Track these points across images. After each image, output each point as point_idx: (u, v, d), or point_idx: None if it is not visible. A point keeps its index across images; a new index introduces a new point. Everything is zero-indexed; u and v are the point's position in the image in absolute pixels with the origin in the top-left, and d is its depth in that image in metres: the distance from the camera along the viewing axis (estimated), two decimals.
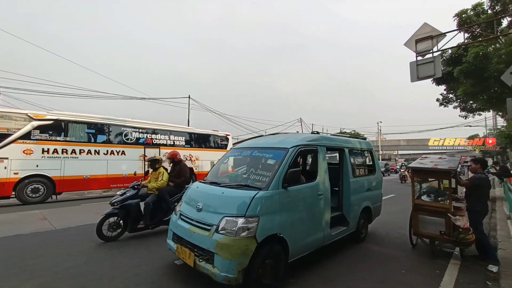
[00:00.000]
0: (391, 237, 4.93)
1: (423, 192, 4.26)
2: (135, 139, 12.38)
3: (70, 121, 10.50)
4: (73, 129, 10.58)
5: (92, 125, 11.14)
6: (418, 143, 57.54)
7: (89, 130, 11.00)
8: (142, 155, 12.46)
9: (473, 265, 3.60)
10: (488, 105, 12.85)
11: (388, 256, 3.93)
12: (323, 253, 3.96)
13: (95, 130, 11.19)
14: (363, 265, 3.56)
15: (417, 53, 7.71)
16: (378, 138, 49.11)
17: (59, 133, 10.17)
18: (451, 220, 3.61)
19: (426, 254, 3.94)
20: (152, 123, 13.41)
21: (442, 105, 15.29)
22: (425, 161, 4.30)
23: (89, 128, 11.03)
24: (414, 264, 3.64)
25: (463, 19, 10.74)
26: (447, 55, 11.53)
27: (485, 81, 10.13)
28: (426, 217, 3.93)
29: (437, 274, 3.28)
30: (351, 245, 4.39)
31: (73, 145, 10.40)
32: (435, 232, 3.81)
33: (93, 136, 11.09)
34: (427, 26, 7.71)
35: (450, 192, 3.87)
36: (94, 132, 11.13)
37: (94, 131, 11.13)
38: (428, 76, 7.74)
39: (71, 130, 10.51)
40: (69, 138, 10.37)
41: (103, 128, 11.47)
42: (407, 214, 4.29)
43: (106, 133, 11.52)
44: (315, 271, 3.33)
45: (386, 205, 8.56)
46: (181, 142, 14.21)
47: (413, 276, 3.23)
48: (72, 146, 10.37)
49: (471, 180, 3.93)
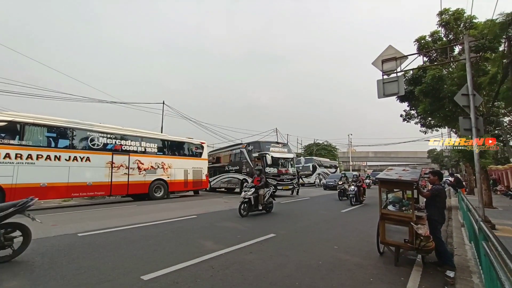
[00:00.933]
0: (360, 245, 5.10)
1: (389, 202, 4.50)
2: (102, 145, 11.64)
3: (28, 123, 9.60)
4: (31, 132, 9.68)
5: (53, 129, 10.28)
6: (385, 155, 61.48)
7: (49, 133, 10.14)
8: (110, 162, 11.71)
9: (433, 271, 3.84)
10: (444, 122, 14.19)
11: (357, 264, 4.04)
12: (298, 265, 3.98)
13: (57, 134, 10.35)
14: (333, 274, 3.62)
15: (383, 72, 8.33)
16: (349, 150, 51.49)
17: (13, 136, 9.24)
18: (414, 229, 3.85)
19: (391, 262, 4.12)
20: (122, 128, 12.75)
21: (405, 120, 16.56)
22: (390, 173, 4.56)
23: (50, 131, 10.16)
24: (381, 272, 3.78)
25: (422, 44, 11.88)
26: (409, 76, 12.61)
27: (440, 100, 11.20)
28: (391, 226, 4.14)
29: (402, 281, 3.44)
30: (323, 255, 4.46)
31: (29, 149, 9.48)
32: (400, 240, 4.02)
33: (54, 140, 10.24)
34: (391, 48, 8.40)
35: (412, 202, 4.13)
36: (55, 136, 10.28)
37: (55, 135, 10.29)
38: (393, 94, 8.37)
39: (28, 133, 9.60)
40: (25, 142, 9.45)
41: (66, 132, 10.65)
42: (374, 223, 4.49)
43: (69, 138, 10.70)
44: (286, 281, 3.32)
45: (355, 215, 8.93)
46: (153, 149, 13.63)
47: (380, 285, 3.34)
48: (28, 151, 9.46)
49: (431, 191, 4.25)
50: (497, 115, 15.80)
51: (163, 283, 3.23)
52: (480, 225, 3.04)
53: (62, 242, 5.11)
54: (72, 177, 10.43)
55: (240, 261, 4.09)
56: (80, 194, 10.88)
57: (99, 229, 6.20)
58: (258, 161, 15.37)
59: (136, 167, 12.64)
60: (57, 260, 4.09)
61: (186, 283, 3.25)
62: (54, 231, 5.98)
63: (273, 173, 14.97)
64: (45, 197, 10.08)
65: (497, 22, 7.96)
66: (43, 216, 8.31)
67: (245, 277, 3.46)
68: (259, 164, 14.91)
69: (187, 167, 15.10)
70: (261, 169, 9.36)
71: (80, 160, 10.76)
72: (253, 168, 15.03)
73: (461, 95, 6.82)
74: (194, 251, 4.48)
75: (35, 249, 4.63)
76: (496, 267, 2.01)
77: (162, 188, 13.73)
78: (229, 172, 18.20)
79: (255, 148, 16.10)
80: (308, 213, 9.27)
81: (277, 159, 15.47)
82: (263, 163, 14.86)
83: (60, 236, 5.61)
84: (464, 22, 11.14)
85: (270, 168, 14.89)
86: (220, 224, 7.06)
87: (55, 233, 5.79)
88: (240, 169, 17.04)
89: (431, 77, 10.83)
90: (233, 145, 20.13)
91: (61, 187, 10.18)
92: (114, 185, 11.73)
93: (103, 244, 4.97)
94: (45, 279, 3.34)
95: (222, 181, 18.78)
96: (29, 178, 9.38)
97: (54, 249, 4.65)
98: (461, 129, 6.84)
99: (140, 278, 3.35)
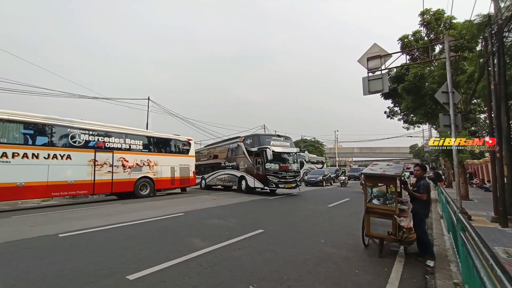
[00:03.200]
0: (346, 239, 5.24)
1: (374, 196, 4.63)
2: (84, 142, 11.20)
3: (1, 120, 9.06)
4: (5, 128, 9.16)
5: (31, 125, 9.76)
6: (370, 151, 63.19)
7: (26, 130, 9.63)
8: (92, 159, 11.31)
9: (415, 261, 4.00)
10: (425, 118, 14.77)
11: (343, 257, 4.15)
12: (286, 260, 4.03)
13: (34, 130, 9.84)
14: (320, 267, 3.70)
15: (368, 69, 8.51)
16: (335, 146, 52.51)
17: None
18: (397, 221, 3.99)
19: (376, 254, 4.26)
20: (105, 125, 12.30)
21: (389, 117, 17.12)
22: (375, 168, 4.69)
23: (26, 128, 9.65)
24: (365, 264, 3.90)
25: (405, 43, 12.24)
26: (393, 73, 12.97)
27: (422, 98, 11.63)
28: (376, 219, 4.27)
29: (385, 272, 3.56)
30: (310, 249, 4.54)
31: (3, 147, 8.98)
32: (384, 233, 4.15)
33: (31, 137, 9.73)
34: (376, 47, 8.58)
35: (396, 196, 4.27)
36: (32, 133, 9.77)
37: (32, 132, 9.78)
38: (378, 91, 8.59)
39: (2, 130, 9.08)
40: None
41: (44, 129, 10.15)
42: (359, 216, 4.61)
43: (48, 135, 10.21)
44: (274, 275, 3.35)
45: (342, 209, 9.14)
46: (138, 146, 13.27)
47: (365, 276, 3.45)
48: (3, 149, 8.96)
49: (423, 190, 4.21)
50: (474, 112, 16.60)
51: (150, 282, 3.18)
52: (458, 216, 3.19)
53: (42, 244, 4.89)
54: (52, 176, 9.99)
55: (228, 257, 4.08)
56: (61, 194, 10.44)
57: (81, 229, 5.99)
58: (258, 157, 13.92)
59: (120, 164, 12.27)
60: (37, 262, 3.91)
61: (173, 281, 3.21)
62: (33, 233, 5.72)
63: (274, 170, 13.46)
64: (23, 197, 9.61)
65: (474, 23, 8.31)
66: (20, 217, 7.93)
67: (234, 273, 3.47)
68: (258, 160, 13.80)
69: (174, 164, 14.84)
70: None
71: (60, 158, 10.31)
72: (252, 164, 14.20)
73: (441, 92, 7.10)
74: (181, 249, 4.43)
75: (12, 251, 4.42)
76: (472, 255, 2.12)
77: (148, 186, 13.44)
78: (226, 168, 16.81)
79: (254, 142, 14.48)
80: (296, 208, 9.39)
81: (278, 154, 13.92)
82: (263, 159, 13.42)
83: (40, 237, 5.37)
84: (444, 22, 11.58)
85: (270, 164, 13.44)
86: (208, 221, 7.02)
87: (34, 235, 5.54)
88: (237, 165, 15.61)
89: (414, 75, 11.20)
90: (229, 139, 18.25)
91: (40, 186, 9.72)
92: (97, 183, 11.35)
93: (86, 245, 4.81)
94: (24, 283, 3.19)
95: (218, 178, 17.53)
96: (4, 178, 8.88)
97: (34, 251, 4.45)
98: (441, 125, 7.13)
99: (125, 278, 3.27)
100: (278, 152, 13.88)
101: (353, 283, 3.21)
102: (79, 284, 3.14)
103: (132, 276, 3.32)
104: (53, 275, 3.40)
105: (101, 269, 3.60)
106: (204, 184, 18.88)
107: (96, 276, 3.36)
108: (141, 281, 3.22)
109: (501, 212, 6.36)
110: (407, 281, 3.30)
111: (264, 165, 13.23)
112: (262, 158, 13.47)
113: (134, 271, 3.48)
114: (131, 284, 3.14)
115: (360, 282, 3.26)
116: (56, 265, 3.78)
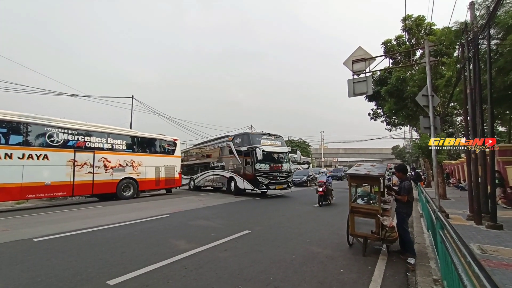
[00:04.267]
0: (332, 238, 5.31)
1: (358, 196, 4.73)
2: (63, 142, 10.71)
3: None
4: None
5: (3, 123, 9.22)
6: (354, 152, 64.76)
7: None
8: (72, 159, 10.83)
9: (396, 259, 4.12)
10: (406, 120, 15.33)
11: (328, 256, 4.20)
12: (272, 260, 4.02)
13: (8, 129, 9.30)
14: (306, 267, 3.72)
15: (353, 72, 8.70)
16: (321, 146, 53.40)
17: None
18: (380, 220, 4.09)
19: (360, 252, 4.35)
20: (85, 123, 11.83)
21: (372, 119, 17.62)
22: (359, 168, 4.79)
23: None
24: (350, 262, 3.97)
25: (388, 47, 12.64)
26: (376, 76, 13.37)
27: (404, 100, 12.06)
28: (360, 219, 4.36)
29: (369, 270, 3.64)
30: (296, 249, 4.56)
31: None
32: (368, 232, 4.25)
33: (4, 136, 9.19)
34: (361, 50, 8.79)
35: (379, 196, 4.38)
36: (5, 131, 9.23)
37: (5, 131, 9.24)
38: (362, 93, 8.79)
39: None
40: None
41: (19, 127, 9.61)
42: (344, 216, 4.69)
43: (23, 133, 9.67)
44: (261, 276, 3.33)
45: (327, 209, 9.29)
46: (122, 146, 12.85)
47: (349, 274, 3.50)
48: None
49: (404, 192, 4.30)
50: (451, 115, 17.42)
51: (132, 287, 3.06)
52: (437, 215, 3.31)
53: (15, 249, 4.61)
54: (27, 177, 9.45)
55: (214, 259, 4.02)
56: (37, 196, 9.90)
57: (58, 233, 5.70)
58: (247, 157, 13.24)
59: (102, 165, 11.83)
60: (9, 268, 3.67)
61: (157, 285, 3.11)
62: (5, 237, 5.38)
63: (264, 170, 12.81)
64: None
65: (452, 30, 8.72)
66: None
67: (219, 275, 3.41)
68: (248, 160, 13.14)
69: (159, 164, 14.50)
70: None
71: (37, 158, 9.78)
72: (241, 165, 13.55)
73: (422, 95, 7.38)
74: (166, 252, 4.32)
75: None
76: (450, 253, 2.20)
77: (132, 187, 13.04)
78: (215, 169, 16.10)
79: (244, 141, 13.75)
80: (282, 208, 9.43)
81: (269, 154, 13.30)
82: (252, 159, 12.77)
83: (13, 242, 5.05)
84: (424, 28, 12.06)
85: (261, 164, 12.76)
86: (193, 222, 6.90)
87: (7, 239, 5.20)
88: (227, 166, 14.96)
89: (396, 78, 11.60)
90: (218, 138, 17.41)
91: (14, 188, 9.17)
92: (77, 184, 10.87)
93: (63, 249, 4.58)
94: None
95: (207, 179, 16.83)
96: None
97: (5, 257, 4.18)
98: (421, 127, 7.42)
99: (106, 283, 3.14)
100: (269, 152, 13.27)
101: (338, 282, 3.26)
102: None
103: (113, 281, 3.19)
104: (27, 282, 3.20)
105: (79, 274, 3.43)
106: (193, 185, 18.40)
107: (74, 282, 3.20)
108: (123, 285, 3.10)
109: (476, 210, 6.69)
110: (389, 279, 3.39)
111: (254, 166, 12.66)
112: (251, 158, 12.86)
113: (115, 276, 3.34)
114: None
115: (345, 280, 3.31)
116: (30, 271, 3.56)
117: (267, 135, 14.27)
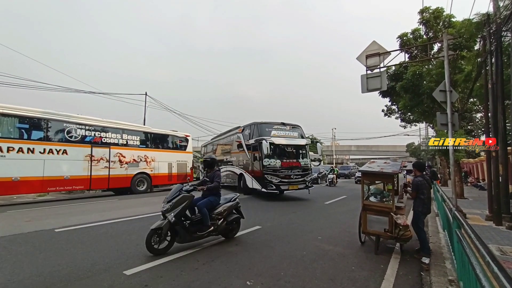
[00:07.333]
0: (343, 236, 5.27)
1: (371, 193, 4.65)
2: (81, 137, 11.12)
3: None
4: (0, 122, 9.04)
5: (26, 119, 9.66)
6: (367, 149, 63.46)
7: (21, 124, 9.53)
8: (89, 154, 11.24)
9: (410, 258, 4.04)
10: (422, 117, 14.83)
11: (339, 254, 4.17)
12: (282, 256, 4.04)
13: (30, 125, 9.74)
14: (317, 264, 3.72)
15: (367, 67, 8.49)
16: (333, 144, 52.66)
17: None
18: (393, 219, 4.02)
19: (372, 251, 4.29)
20: (102, 120, 12.23)
21: (386, 115, 17.16)
22: (372, 165, 4.71)
23: (22, 122, 9.55)
24: (361, 260, 3.93)
25: (404, 41, 12.21)
26: (391, 72, 12.97)
27: (420, 96, 11.65)
28: (373, 216, 4.30)
29: (381, 269, 3.59)
30: (307, 245, 4.56)
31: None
32: (380, 230, 4.18)
33: (27, 132, 9.64)
34: (375, 44, 8.55)
35: (392, 193, 4.30)
36: (27, 127, 9.68)
37: (27, 126, 9.68)
38: (376, 89, 8.58)
39: None
40: None
41: (40, 123, 10.05)
42: (356, 214, 4.64)
43: (44, 129, 10.12)
44: (271, 271, 3.36)
45: (338, 206, 9.20)
46: (135, 142, 13.21)
47: (361, 272, 3.47)
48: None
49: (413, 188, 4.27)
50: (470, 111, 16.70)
51: (147, 278, 3.17)
52: (455, 214, 3.21)
53: (37, 239, 4.86)
54: (48, 171, 9.91)
55: (225, 253, 4.09)
56: (57, 189, 10.38)
57: (77, 224, 5.96)
58: (255, 151, 11.10)
59: (117, 160, 12.21)
60: (33, 257, 3.89)
61: (170, 276, 3.21)
62: (28, 227, 5.68)
63: (274, 167, 10.44)
64: (18, 192, 9.53)
65: (473, 22, 8.30)
66: (16, 212, 7.87)
67: (230, 269, 3.47)
68: (256, 155, 11.02)
69: (171, 160, 14.79)
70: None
71: (56, 153, 10.22)
72: (249, 160, 11.54)
73: (439, 91, 7.11)
74: (178, 245, 4.43)
75: (7, 246, 4.38)
76: (468, 252, 2.14)
77: (145, 182, 13.40)
78: (227, 164, 14.39)
79: (252, 133, 11.52)
80: (292, 205, 9.42)
81: (280, 147, 10.90)
82: (260, 153, 10.60)
83: (36, 232, 5.33)
84: (443, 20, 11.55)
85: (270, 159, 10.47)
86: None
87: (30, 229, 5.50)
88: (237, 161, 13.03)
89: (412, 74, 11.20)
90: (230, 130, 15.23)
91: (36, 181, 9.65)
92: (94, 178, 11.29)
93: (82, 240, 4.79)
94: (19, 278, 3.17)
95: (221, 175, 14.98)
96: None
97: (29, 246, 4.42)
98: (438, 123, 7.16)
99: (122, 273, 3.26)
100: (279, 144, 10.88)
101: (349, 279, 3.24)
102: (75, 279, 3.12)
103: (129, 271, 3.31)
104: (49, 270, 3.38)
105: (97, 264, 3.58)
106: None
107: (93, 271, 3.35)
108: (138, 276, 3.22)
109: (495, 210, 6.43)
110: (402, 278, 3.33)
111: (262, 161, 10.46)
112: (259, 152, 10.71)
113: (131, 266, 3.47)
114: (127, 278, 3.14)
115: (356, 278, 3.28)
116: (52, 260, 3.76)
117: (280, 125, 11.59)
